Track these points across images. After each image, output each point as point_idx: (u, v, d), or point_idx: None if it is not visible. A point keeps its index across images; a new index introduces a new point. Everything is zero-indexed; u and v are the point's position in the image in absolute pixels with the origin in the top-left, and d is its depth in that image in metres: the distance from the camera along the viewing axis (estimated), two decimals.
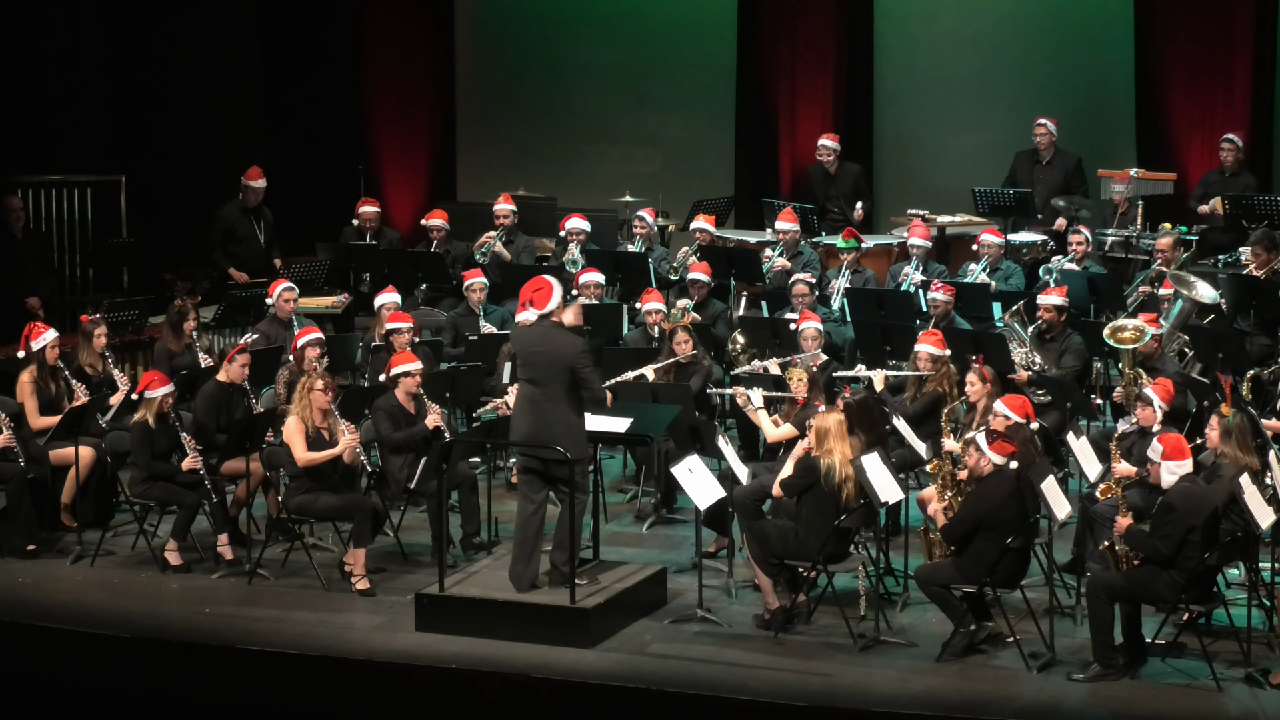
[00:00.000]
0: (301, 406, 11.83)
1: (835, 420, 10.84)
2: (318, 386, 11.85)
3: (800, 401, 12.17)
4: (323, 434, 11.82)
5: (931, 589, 10.60)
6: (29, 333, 12.86)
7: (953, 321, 14.00)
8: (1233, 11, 18.10)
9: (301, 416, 11.80)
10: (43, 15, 17.64)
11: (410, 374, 12.23)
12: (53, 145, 17.69)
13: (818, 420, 10.88)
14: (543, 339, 10.91)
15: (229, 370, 12.56)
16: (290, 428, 11.79)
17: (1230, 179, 16.58)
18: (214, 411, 12.46)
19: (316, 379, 11.91)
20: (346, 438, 11.81)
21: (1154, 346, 12.77)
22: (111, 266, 17.63)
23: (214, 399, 12.49)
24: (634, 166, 20.06)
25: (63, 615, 11.28)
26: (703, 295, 15.00)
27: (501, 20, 20.70)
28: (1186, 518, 10.01)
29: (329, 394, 11.89)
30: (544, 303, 10.96)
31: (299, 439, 11.75)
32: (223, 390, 12.55)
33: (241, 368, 12.56)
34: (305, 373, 12.42)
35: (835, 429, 10.80)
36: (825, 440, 10.78)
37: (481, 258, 16.16)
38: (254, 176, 16.87)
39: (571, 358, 10.83)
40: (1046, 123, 17.17)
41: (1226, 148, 16.71)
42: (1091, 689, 10.05)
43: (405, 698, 10.44)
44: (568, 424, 10.84)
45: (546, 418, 10.81)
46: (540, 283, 11.05)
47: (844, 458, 10.75)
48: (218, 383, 12.58)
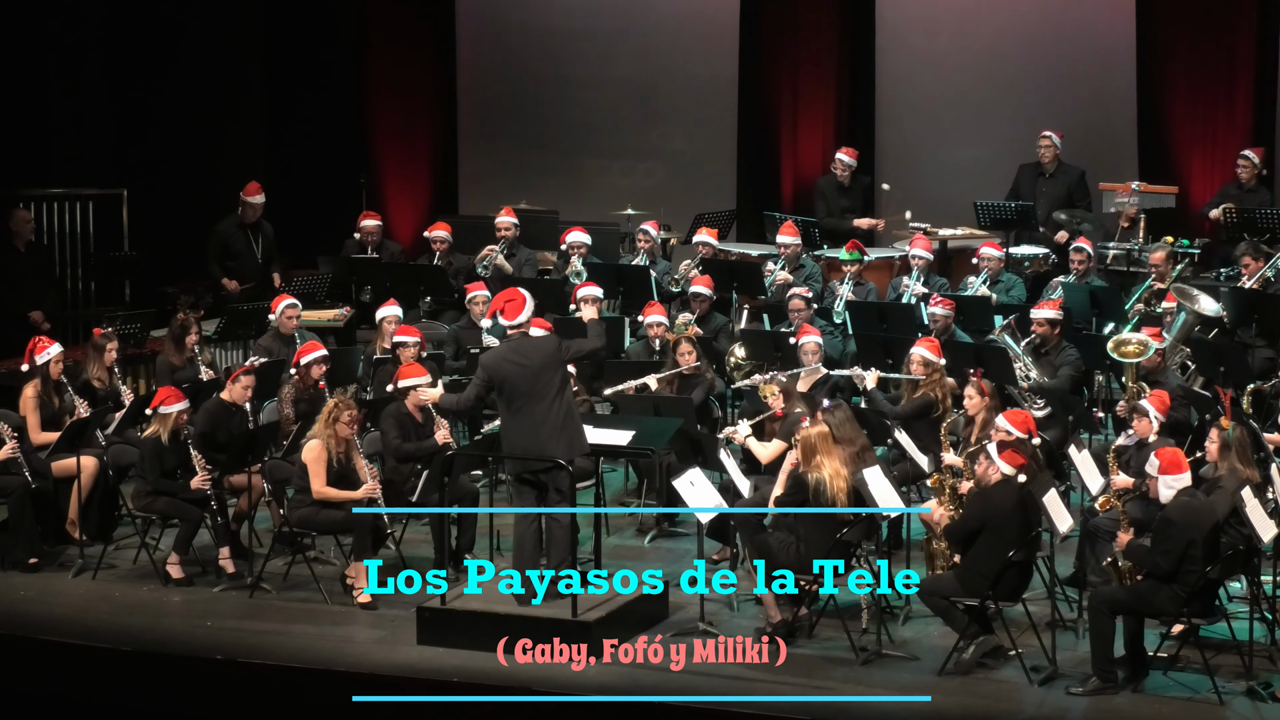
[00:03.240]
0: (327, 434, 11.77)
1: (818, 433, 10.84)
2: (344, 419, 11.80)
3: (780, 414, 12.18)
4: (343, 463, 11.78)
5: (934, 601, 10.60)
6: (33, 347, 12.86)
7: (953, 335, 14.01)
8: (1234, 25, 18.11)
9: (326, 444, 11.77)
10: (46, 30, 17.68)
11: (418, 387, 12.23)
12: (55, 159, 17.75)
13: (801, 435, 10.89)
14: (520, 352, 10.91)
15: (232, 390, 12.54)
16: (313, 453, 11.73)
17: (1248, 194, 16.54)
18: (212, 428, 12.43)
19: (344, 410, 11.84)
20: (369, 484, 11.75)
21: (1156, 360, 12.77)
22: (113, 280, 17.65)
23: (213, 416, 12.45)
24: (636, 180, 20.07)
25: (64, 629, 11.29)
26: (704, 308, 15.00)
27: (504, 34, 20.71)
28: (1186, 532, 10.01)
29: (354, 428, 11.86)
30: (514, 314, 10.98)
31: (321, 468, 11.70)
32: (224, 408, 12.53)
33: (244, 389, 12.55)
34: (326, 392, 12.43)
35: (820, 443, 10.81)
36: (812, 455, 10.79)
37: (484, 271, 16.16)
38: (252, 192, 16.87)
39: (553, 353, 10.88)
40: (1051, 135, 17.19)
41: (1243, 165, 16.65)
42: (1093, 703, 10.04)
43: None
44: (569, 427, 10.86)
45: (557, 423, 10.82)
46: (513, 294, 11.08)
47: (834, 471, 10.76)
48: (219, 400, 12.56)
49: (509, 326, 11.02)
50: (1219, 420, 10.87)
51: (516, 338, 10.99)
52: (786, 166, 19.67)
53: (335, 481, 11.73)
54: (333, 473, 11.73)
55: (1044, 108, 18.46)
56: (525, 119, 20.59)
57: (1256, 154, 16.74)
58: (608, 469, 13.72)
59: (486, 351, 11.65)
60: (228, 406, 12.54)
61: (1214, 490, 10.44)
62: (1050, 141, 17.18)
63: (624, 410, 12.90)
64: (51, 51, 17.73)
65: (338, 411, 11.79)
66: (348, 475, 11.78)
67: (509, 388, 10.88)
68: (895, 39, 19.38)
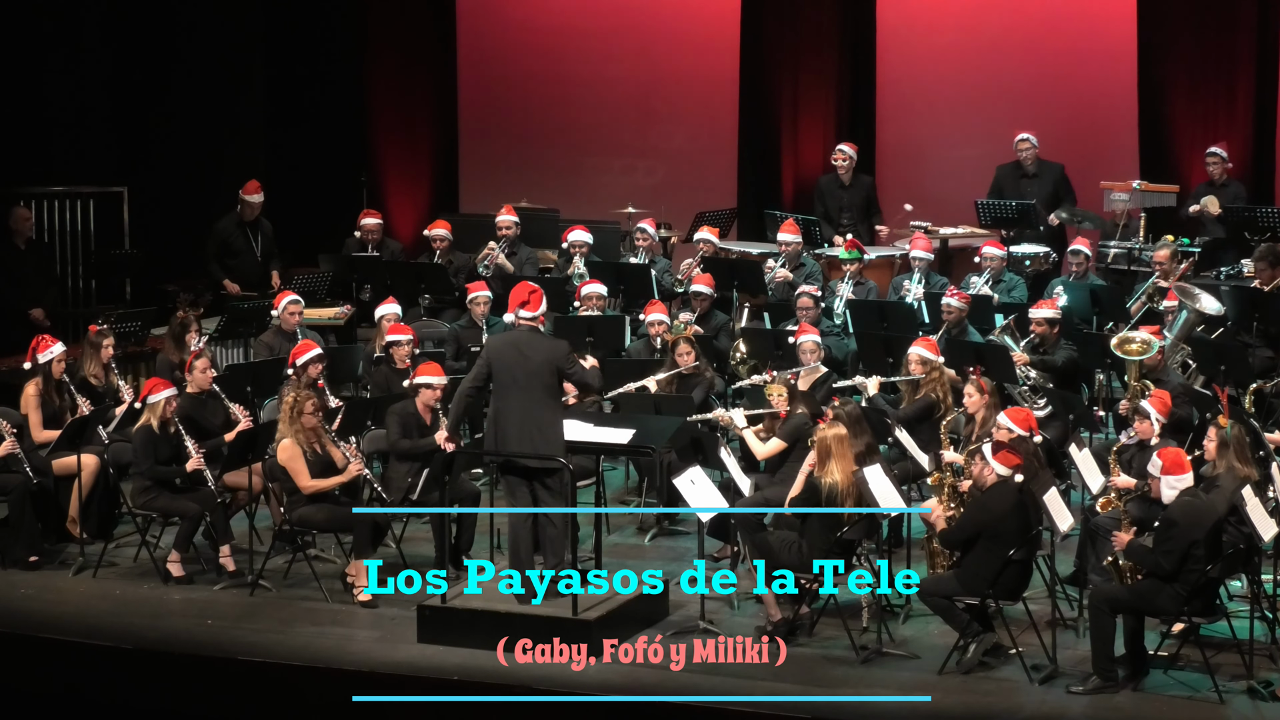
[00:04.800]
0: (294, 430, 11.78)
1: (835, 436, 10.84)
2: (308, 409, 11.80)
3: (783, 415, 12.17)
4: (318, 453, 11.80)
5: (934, 600, 10.60)
6: (36, 345, 12.86)
7: (965, 330, 14.02)
8: (1235, 24, 18.10)
9: (296, 440, 11.77)
10: (46, 27, 17.68)
11: (431, 386, 12.23)
12: (55, 157, 17.73)
13: (818, 436, 10.89)
14: (527, 345, 10.96)
15: (193, 380, 12.53)
16: (286, 453, 11.74)
17: (1220, 189, 16.57)
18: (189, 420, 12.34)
19: (305, 400, 11.86)
20: (353, 464, 11.80)
21: (1157, 358, 12.77)
22: (114, 278, 17.65)
23: (184, 411, 12.31)
24: (636, 178, 20.06)
25: (64, 627, 11.29)
26: (705, 307, 15.00)
27: (504, 32, 20.70)
28: (1188, 532, 10.01)
29: (318, 415, 11.86)
30: (537, 306, 11.05)
31: (300, 464, 11.72)
32: (192, 401, 12.48)
33: (203, 373, 12.55)
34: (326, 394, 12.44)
35: (836, 447, 10.82)
36: (827, 459, 10.81)
37: (485, 270, 16.16)
38: (251, 191, 16.87)
39: (560, 359, 10.92)
40: (1029, 137, 17.20)
41: (1212, 161, 16.70)
42: (1094, 701, 10.04)
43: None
44: (555, 428, 10.88)
45: (535, 422, 10.83)
46: (533, 288, 11.16)
47: (845, 477, 10.77)
48: (187, 395, 12.49)
49: (530, 319, 11.06)
50: (1218, 419, 10.87)
51: (528, 330, 11.04)
52: (787, 165, 19.66)
53: (320, 472, 11.75)
54: (313, 465, 11.74)
55: (1044, 107, 18.45)
56: (526, 117, 20.58)
57: (1223, 149, 16.75)
58: (608, 467, 13.73)
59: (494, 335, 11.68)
60: (196, 398, 12.53)
61: (1212, 489, 10.44)
62: (1029, 143, 17.18)
63: (624, 409, 12.90)
64: (52, 49, 17.72)
65: (300, 404, 11.81)
66: (328, 463, 11.80)
67: (504, 375, 10.93)
68: (896, 38, 19.37)
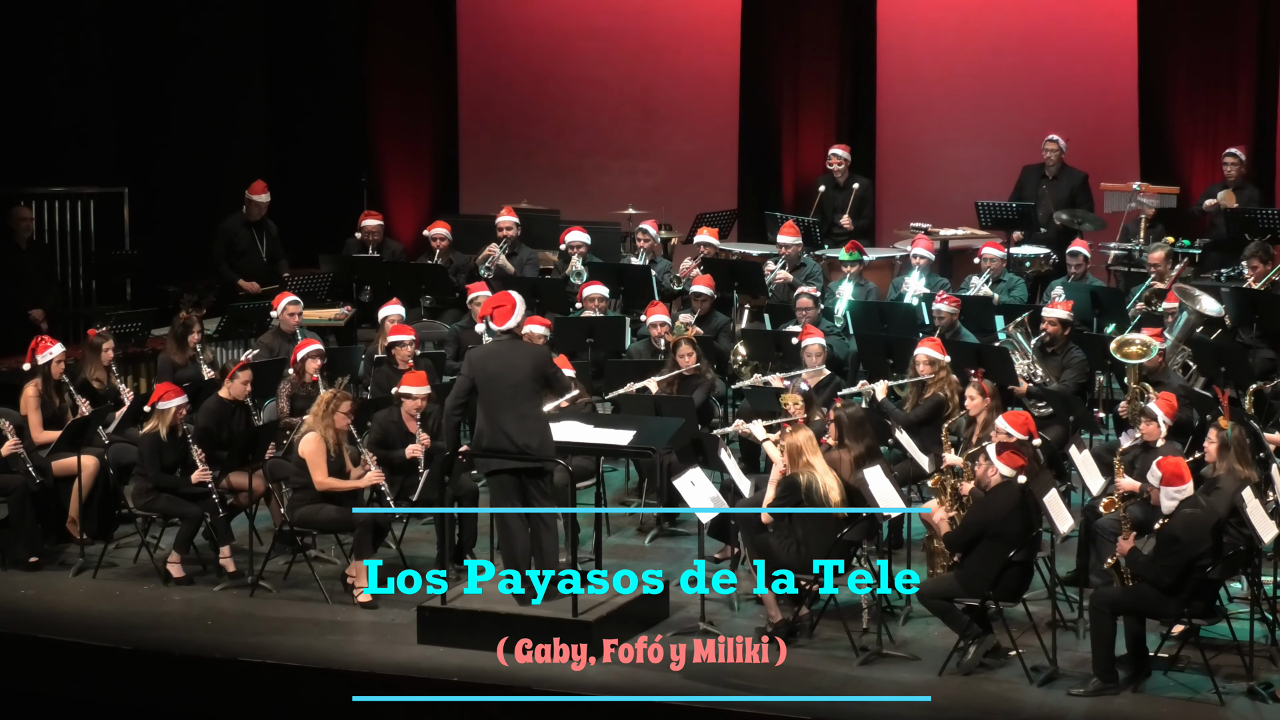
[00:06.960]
0: (324, 425, 11.77)
1: (804, 436, 10.87)
2: (343, 409, 11.80)
3: (801, 423, 12.14)
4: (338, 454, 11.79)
5: (934, 602, 10.60)
6: (35, 346, 12.85)
7: (958, 333, 14.01)
8: (1236, 25, 18.11)
9: (324, 436, 11.77)
10: (47, 28, 17.68)
11: (412, 397, 12.22)
12: (56, 157, 17.72)
13: (786, 441, 10.90)
14: (508, 354, 10.98)
15: (230, 388, 12.53)
16: (311, 446, 11.72)
17: (1236, 191, 16.56)
18: (214, 427, 12.43)
19: (343, 400, 11.84)
20: (372, 472, 11.79)
21: (1158, 360, 12.77)
22: (115, 279, 17.64)
23: (215, 415, 12.45)
24: (637, 179, 20.06)
25: (64, 627, 11.29)
26: (705, 308, 15.01)
27: (505, 33, 20.70)
28: (1191, 547, 9.99)
29: (351, 418, 11.86)
30: (504, 320, 11.05)
31: (321, 460, 11.70)
32: (224, 407, 12.52)
33: (243, 385, 12.54)
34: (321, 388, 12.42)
35: (805, 444, 10.83)
36: (799, 457, 10.81)
37: (486, 271, 16.16)
38: (258, 190, 16.89)
39: (542, 364, 10.96)
40: (1057, 139, 17.25)
41: (1230, 162, 16.70)
42: (1094, 703, 10.04)
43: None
44: (548, 431, 10.92)
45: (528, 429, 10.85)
46: (503, 299, 11.17)
47: (822, 469, 10.77)
48: (219, 399, 12.55)
49: (498, 332, 11.08)
50: (1218, 420, 10.87)
51: (507, 340, 11.06)
52: (787, 166, 19.66)
53: (333, 473, 11.75)
54: (331, 464, 11.74)
55: (1045, 107, 18.46)
56: (526, 118, 20.59)
57: (1241, 150, 16.76)
58: (608, 468, 13.73)
59: (474, 348, 11.69)
60: (228, 404, 12.53)
61: (1213, 490, 10.44)
62: (1056, 145, 17.23)
63: (625, 410, 12.91)
64: (53, 49, 17.72)
65: (336, 403, 11.80)
66: (341, 468, 11.80)
67: (488, 387, 10.94)
68: (896, 39, 19.38)
